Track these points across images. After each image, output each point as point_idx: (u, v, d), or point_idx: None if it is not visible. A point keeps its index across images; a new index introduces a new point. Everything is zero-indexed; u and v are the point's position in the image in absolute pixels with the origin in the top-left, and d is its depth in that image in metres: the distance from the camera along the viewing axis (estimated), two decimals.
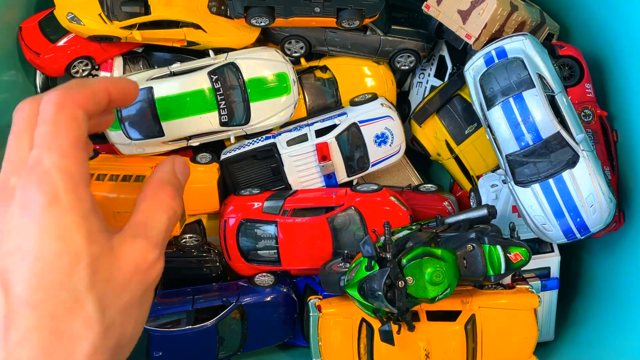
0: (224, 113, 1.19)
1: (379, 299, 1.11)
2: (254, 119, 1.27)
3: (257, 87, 1.24)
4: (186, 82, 1.19)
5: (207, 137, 1.31)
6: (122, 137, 1.18)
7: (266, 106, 1.27)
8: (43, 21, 1.43)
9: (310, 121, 1.50)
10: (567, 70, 1.43)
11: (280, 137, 1.46)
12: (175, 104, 1.17)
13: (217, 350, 1.34)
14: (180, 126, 1.16)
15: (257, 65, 1.28)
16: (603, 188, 1.23)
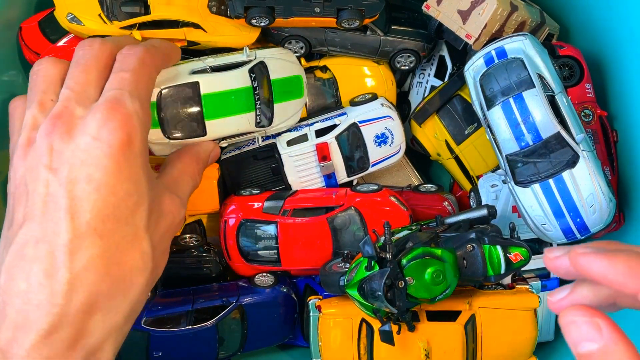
0: (259, 113, 1.13)
1: (378, 299, 1.11)
2: (276, 120, 1.21)
3: (280, 88, 1.20)
4: (230, 79, 1.11)
5: (235, 139, 1.25)
6: (159, 136, 1.04)
7: (285, 108, 1.23)
8: (43, 21, 1.43)
9: (310, 121, 1.50)
10: (567, 70, 1.43)
11: (280, 137, 1.46)
12: (221, 102, 1.08)
13: (217, 351, 1.34)
14: (222, 126, 1.08)
15: (280, 66, 1.24)
16: (603, 188, 1.23)
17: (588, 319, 0.47)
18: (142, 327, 1.29)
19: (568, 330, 0.49)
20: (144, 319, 1.30)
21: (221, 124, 1.00)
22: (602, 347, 0.46)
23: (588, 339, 0.46)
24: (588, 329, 0.47)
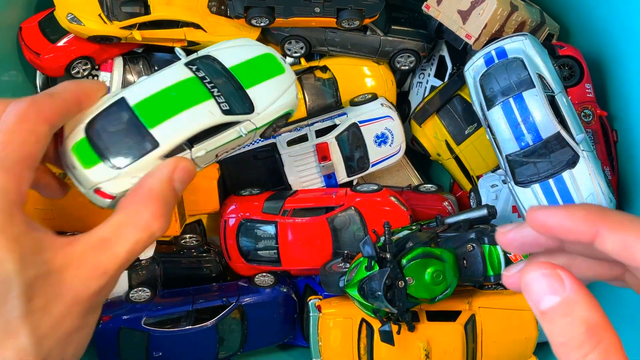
0: (222, 100, 0.91)
1: (378, 299, 1.11)
2: (258, 104, 1.00)
3: (245, 73, 1.01)
4: (162, 78, 0.88)
5: (231, 145, 0.97)
6: (106, 171, 0.83)
7: (264, 89, 1.02)
8: (43, 21, 1.43)
9: (310, 121, 1.50)
10: (567, 70, 1.43)
11: (280, 137, 1.46)
12: (160, 103, 0.86)
13: (217, 351, 1.34)
14: (175, 127, 0.84)
15: (233, 53, 1.04)
16: (603, 188, 1.23)
17: (549, 271, 0.45)
18: (142, 327, 1.29)
19: (528, 289, 0.46)
20: (144, 319, 1.30)
21: (172, 125, 0.78)
22: (566, 299, 0.44)
23: (551, 292, 0.45)
24: (550, 281, 0.45)
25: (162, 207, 0.63)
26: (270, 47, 1.05)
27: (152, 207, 0.63)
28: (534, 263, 0.46)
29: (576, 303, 0.44)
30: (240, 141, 0.91)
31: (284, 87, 1.04)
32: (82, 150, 0.72)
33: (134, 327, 1.29)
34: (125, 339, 1.29)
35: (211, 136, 0.84)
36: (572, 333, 0.43)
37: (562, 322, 0.44)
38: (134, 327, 1.29)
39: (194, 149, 0.76)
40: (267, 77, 1.02)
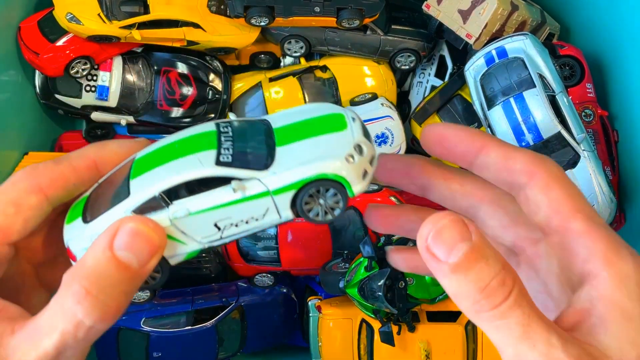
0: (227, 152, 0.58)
1: (379, 299, 1.11)
2: (280, 162, 0.58)
3: (289, 131, 0.61)
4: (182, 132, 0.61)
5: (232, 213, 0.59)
6: (76, 226, 0.61)
7: (301, 147, 0.59)
8: (42, 21, 1.42)
9: None
10: (568, 70, 1.43)
11: None
12: (157, 156, 0.62)
13: (216, 351, 1.34)
14: (155, 177, 0.61)
15: (295, 114, 0.64)
16: (604, 188, 1.22)
17: (454, 217, 0.42)
18: (141, 327, 1.29)
19: (439, 242, 0.42)
20: (144, 319, 1.30)
21: (153, 175, 0.58)
22: (475, 243, 0.42)
23: (461, 239, 0.42)
24: (458, 228, 0.42)
25: (90, 286, 0.45)
26: (347, 109, 0.61)
27: (75, 286, 0.46)
28: (438, 215, 0.44)
29: (484, 248, 0.42)
30: (245, 210, 0.57)
31: (332, 146, 0.60)
32: (75, 208, 0.59)
33: (133, 328, 1.29)
34: (124, 339, 1.29)
35: (198, 193, 0.58)
36: (490, 274, 0.41)
37: (477, 268, 0.41)
38: (133, 328, 1.29)
39: (172, 207, 0.54)
40: (313, 134, 0.63)
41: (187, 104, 1.52)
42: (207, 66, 1.54)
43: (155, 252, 0.48)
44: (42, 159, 1.53)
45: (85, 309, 0.45)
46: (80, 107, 1.50)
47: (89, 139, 1.55)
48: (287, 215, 0.54)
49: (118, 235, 0.47)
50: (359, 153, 0.52)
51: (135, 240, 0.48)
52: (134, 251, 0.47)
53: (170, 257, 0.54)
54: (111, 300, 0.45)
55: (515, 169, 0.49)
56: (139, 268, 0.47)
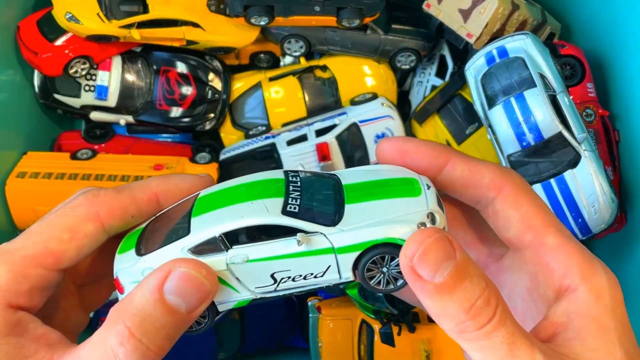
0: (294, 202, 0.59)
1: (379, 300, 1.10)
2: (348, 219, 0.58)
3: (359, 190, 0.60)
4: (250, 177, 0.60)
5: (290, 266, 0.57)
6: (128, 258, 0.60)
7: (371, 207, 0.58)
8: (41, 20, 1.42)
9: (310, 121, 1.49)
10: (569, 69, 1.42)
11: (280, 137, 1.45)
12: (222, 197, 0.60)
13: (216, 352, 1.34)
14: (217, 217, 0.59)
15: (365, 174, 0.63)
16: (605, 188, 1.22)
17: (440, 235, 0.42)
18: None
19: (421, 262, 0.41)
20: None
21: (216, 215, 0.55)
22: (459, 262, 0.40)
23: (446, 258, 0.40)
24: (443, 246, 0.41)
25: (135, 328, 0.44)
26: (422, 177, 0.56)
27: (120, 326, 0.44)
28: (416, 232, 0.43)
29: (467, 260, 0.42)
30: (306, 264, 0.53)
31: (404, 211, 0.55)
32: (129, 239, 0.57)
33: None
34: None
35: (261, 241, 0.54)
36: (475, 294, 0.40)
37: (462, 287, 0.40)
38: None
39: (231, 251, 0.52)
40: (385, 195, 0.58)
41: (186, 104, 1.52)
42: (207, 66, 1.53)
43: (206, 298, 0.46)
44: (41, 159, 1.52)
45: (126, 352, 0.43)
46: (79, 107, 1.50)
47: (88, 138, 1.55)
48: (348, 277, 0.51)
49: (169, 278, 0.45)
50: (431, 222, 0.49)
51: (187, 286, 0.45)
52: (184, 296, 0.45)
53: (219, 303, 0.52)
54: (154, 345, 0.44)
55: (482, 184, 0.49)
56: (186, 314, 0.45)
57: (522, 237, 0.48)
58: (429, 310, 0.43)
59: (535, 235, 0.48)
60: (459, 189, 0.50)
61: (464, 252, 0.42)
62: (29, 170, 1.35)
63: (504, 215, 0.49)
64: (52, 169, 1.36)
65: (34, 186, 1.33)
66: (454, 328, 0.41)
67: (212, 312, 0.52)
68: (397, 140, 0.52)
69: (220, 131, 1.57)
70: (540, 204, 0.49)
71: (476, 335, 0.41)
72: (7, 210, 1.34)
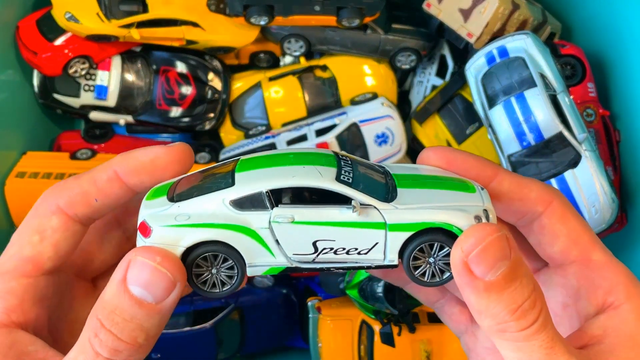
0: (347, 175, 0.57)
1: (379, 300, 1.10)
2: (404, 198, 0.56)
3: (410, 179, 0.58)
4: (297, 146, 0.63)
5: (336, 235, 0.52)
6: (159, 203, 0.53)
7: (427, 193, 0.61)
8: (41, 20, 1.42)
9: (310, 121, 1.49)
10: (569, 69, 1.42)
11: (280, 137, 1.45)
12: (271, 159, 0.56)
13: (215, 352, 1.33)
14: (265, 175, 0.53)
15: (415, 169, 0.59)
16: (605, 188, 1.22)
17: (500, 234, 0.40)
18: None
19: (479, 259, 0.40)
20: None
21: (264, 173, 0.51)
22: (513, 261, 0.40)
23: (502, 257, 0.40)
24: (502, 245, 0.40)
25: (104, 319, 0.43)
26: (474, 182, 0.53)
27: (93, 320, 0.43)
28: (477, 226, 0.42)
29: (520, 261, 0.41)
30: (353, 236, 0.49)
31: (461, 202, 0.51)
32: (159, 189, 0.52)
33: None
34: None
35: (308, 205, 0.50)
36: (523, 295, 0.40)
37: (512, 288, 0.40)
38: None
39: (277, 210, 0.48)
40: (440, 187, 0.54)
41: (186, 104, 1.51)
42: (207, 65, 1.53)
43: (172, 288, 0.44)
44: (41, 159, 1.52)
45: (99, 342, 0.43)
46: (79, 107, 1.50)
47: (88, 138, 1.54)
48: (392, 260, 0.49)
49: (130, 269, 0.43)
50: (486, 219, 0.47)
51: (148, 276, 0.43)
52: (147, 287, 0.43)
53: (250, 264, 0.49)
54: (125, 336, 0.43)
55: (530, 198, 0.49)
56: (155, 304, 0.43)
57: (568, 252, 0.48)
58: (471, 306, 0.42)
59: (581, 251, 0.48)
60: (506, 202, 0.50)
61: (518, 252, 0.41)
62: (28, 170, 1.35)
63: (551, 229, 0.49)
64: (51, 168, 1.35)
65: (34, 186, 1.32)
66: (495, 327, 0.41)
67: (239, 275, 0.49)
68: (443, 149, 0.51)
69: (220, 131, 1.57)
70: (584, 222, 0.50)
71: (516, 336, 0.40)
72: (7, 210, 1.33)
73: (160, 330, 0.45)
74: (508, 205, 0.50)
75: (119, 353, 0.43)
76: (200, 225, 0.48)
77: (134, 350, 0.43)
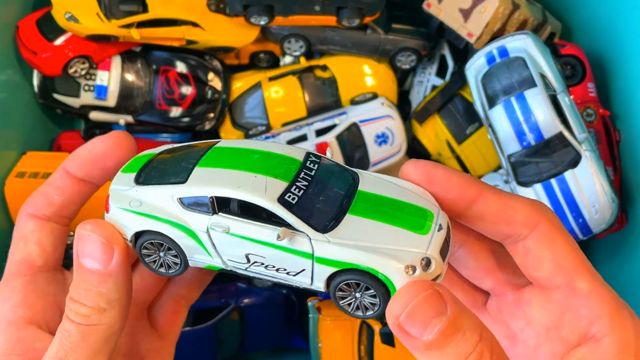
0: (296, 193, 0.52)
1: None
2: (341, 232, 0.53)
3: (369, 203, 0.55)
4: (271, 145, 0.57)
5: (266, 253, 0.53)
6: (123, 182, 0.57)
7: (373, 228, 0.53)
8: (41, 20, 1.42)
9: (310, 121, 1.49)
10: (569, 69, 1.42)
11: (280, 137, 1.45)
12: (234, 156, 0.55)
13: (216, 352, 1.33)
14: (217, 177, 0.53)
15: (384, 186, 0.56)
16: (605, 188, 1.22)
17: (427, 293, 0.40)
18: None
19: (413, 321, 0.40)
20: None
21: (218, 174, 0.52)
22: (451, 317, 0.39)
23: (436, 315, 0.39)
24: (433, 303, 0.39)
25: (72, 292, 0.50)
26: (442, 214, 0.50)
27: (68, 295, 0.51)
28: (404, 287, 0.42)
29: (460, 313, 0.40)
30: (281, 259, 0.50)
31: (400, 245, 0.49)
32: (136, 160, 0.56)
33: None
34: None
35: (247, 219, 0.50)
36: (467, 349, 0.39)
37: (453, 343, 0.39)
38: None
39: (215, 217, 0.49)
40: (391, 220, 0.51)
41: (186, 104, 1.51)
42: (206, 65, 1.53)
43: (111, 251, 0.49)
44: (41, 159, 1.52)
45: (72, 312, 0.49)
46: (79, 107, 1.50)
47: (88, 138, 1.54)
48: (319, 287, 0.49)
49: (78, 244, 0.50)
50: (423, 268, 0.45)
51: (90, 246, 0.49)
52: (92, 256, 0.49)
53: (190, 257, 0.52)
54: (89, 301, 0.49)
55: (515, 220, 0.47)
56: (104, 270, 0.49)
57: (553, 278, 0.47)
58: None
59: (566, 277, 0.46)
60: (489, 225, 0.48)
61: (456, 305, 0.40)
62: (28, 170, 1.35)
63: (535, 253, 0.47)
64: (51, 168, 1.35)
65: (34, 186, 1.30)
66: None
67: (182, 263, 0.53)
68: (425, 164, 0.49)
69: (220, 131, 1.57)
70: (573, 243, 0.47)
71: None
72: (7, 210, 1.33)
73: (123, 294, 0.50)
74: (491, 227, 0.49)
75: (87, 318, 0.48)
76: (148, 216, 0.51)
77: (100, 314, 0.49)
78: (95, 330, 0.48)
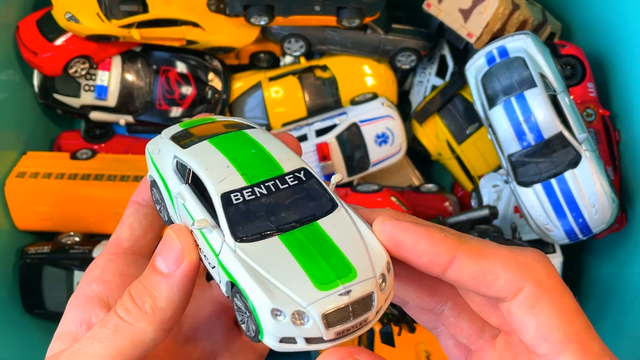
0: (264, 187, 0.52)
1: None
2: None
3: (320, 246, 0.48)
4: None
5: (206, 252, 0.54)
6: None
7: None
8: (41, 20, 1.42)
9: (310, 121, 1.49)
10: (569, 69, 1.42)
11: None
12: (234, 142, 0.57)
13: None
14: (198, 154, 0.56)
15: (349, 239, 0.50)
16: (605, 188, 1.22)
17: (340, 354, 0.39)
18: None
19: None
20: None
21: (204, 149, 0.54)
22: None
23: None
24: None
25: (131, 290, 0.52)
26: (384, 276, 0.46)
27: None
28: (327, 351, 0.41)
29: None
30: (204, 245, 0.51)
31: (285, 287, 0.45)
32: (191, 122, 0.62)
33: None
34: None
35: (198, 199, 0.52)
36: None
37: None
38: None
39: (182, 187, 0.53)
40: (303, 263, 0.47)
41: (186, 104, 1.51)
42: (207, 65, 1.53)
43: (181, 261, 0.48)
44: (41, 159, 1.52)
45: (119, 302, 0.49)
46: (79, 107, 1.50)
47: (88, 138, 1.55)
48: (224, 291, 0.48)
49: (162, 242, 0.50)
50: (294, 318, 0.42)
51: (165, 246, 0.49)
52: (163, 255, 0.49)
53: (170, 214, 0.56)
54: (137, 297, 0.48)
55: (496, 285, 0.42)
56: (166, 273, 0.48)
57: (537, 347, 0.42)
58: None
59: (551, 349, 0.42)
60: (470, 289, 0.45)
61: None
62: (28, 170, 1.35)
63: (518, 319, 0.43)
64: (51, 168, 1.35)
65: (34, 186, 1.32)
66: None
67: (167, 215, 0.57)
68: (392, 227, 0.44)
69: None
70: (566, 309, 0.42)
71: None
72: (7, 210, 1.33)
73: (171, 306, 0.48)
74: (473, 291, 0.45)
75: (128, 314, 0.47)
76: (154, 164, 0.58)
77: (140, 315, 0.47)
78: (128, 330, 0.46)
